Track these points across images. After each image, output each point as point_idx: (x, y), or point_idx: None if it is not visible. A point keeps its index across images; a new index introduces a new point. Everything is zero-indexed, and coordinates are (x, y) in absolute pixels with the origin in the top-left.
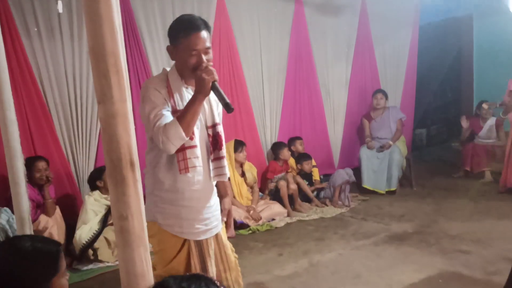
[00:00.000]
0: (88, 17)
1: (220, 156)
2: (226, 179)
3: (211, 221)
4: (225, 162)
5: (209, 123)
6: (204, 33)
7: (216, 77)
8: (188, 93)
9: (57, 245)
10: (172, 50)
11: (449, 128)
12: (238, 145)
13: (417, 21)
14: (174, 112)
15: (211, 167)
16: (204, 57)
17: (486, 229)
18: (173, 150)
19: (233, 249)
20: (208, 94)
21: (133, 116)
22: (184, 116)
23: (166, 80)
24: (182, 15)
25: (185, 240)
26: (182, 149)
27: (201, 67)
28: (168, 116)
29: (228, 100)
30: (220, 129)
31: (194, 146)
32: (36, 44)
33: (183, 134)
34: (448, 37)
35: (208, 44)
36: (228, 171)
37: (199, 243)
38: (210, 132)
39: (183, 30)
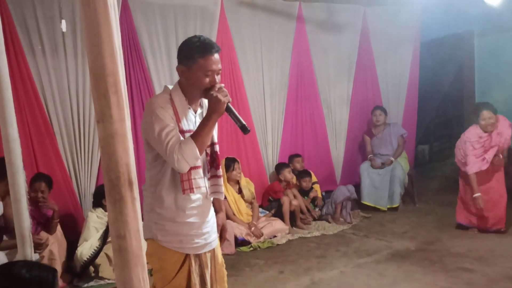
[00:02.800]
0: (89, 38)
1: (217, 174)
2: (222, 198)
3: (210, 235)
4: (222, 181)
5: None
6: (218, 56)
7: (230, 98)
8: (191, 113)
9: (53, 272)
10: (184, 70)
11: (452, 144)
12: (230, 162)
13: (418, 37)
14: (180, 132)
15: (207, 185)
16: (216, 78)
17: (489, 247)
18: (186, 168)
19: (224, 264)
20: (222, 114)
21: (135, 134)
22: (198, 135)
23: (170, 99)
24: (195, 36)
25: (186, 257)
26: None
27: (215, 87)
28: (179, 135)
29: (244, 122)
30: (218, 148)
31: (199, 167)
32: (40, 62)
33: (198, 153)
34: (449, 53)
35: (220, 66)
36: (223, 190)
37: (199, 257)
38: (208, 150)
39: (202, 50)
